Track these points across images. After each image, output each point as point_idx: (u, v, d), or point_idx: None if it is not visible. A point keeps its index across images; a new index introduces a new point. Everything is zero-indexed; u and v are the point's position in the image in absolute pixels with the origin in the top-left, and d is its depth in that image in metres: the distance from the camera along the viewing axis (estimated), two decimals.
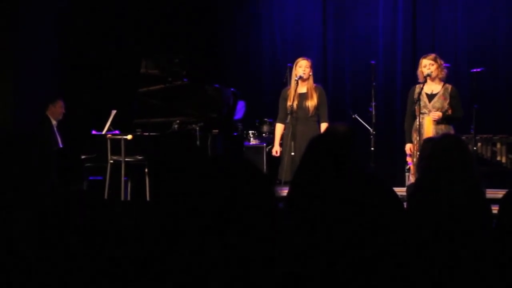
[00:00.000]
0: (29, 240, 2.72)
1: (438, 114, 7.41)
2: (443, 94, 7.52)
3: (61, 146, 9.42)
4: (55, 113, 9.69)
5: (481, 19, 10.45)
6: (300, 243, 2.84)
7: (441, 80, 7.58)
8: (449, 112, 7.50)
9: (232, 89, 8.88)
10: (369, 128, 8.60)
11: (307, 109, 7.80)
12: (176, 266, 2.19)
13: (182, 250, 2.20)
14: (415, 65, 9.95)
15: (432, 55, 7.61)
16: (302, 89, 7.87)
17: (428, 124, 7.45)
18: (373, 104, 8.42)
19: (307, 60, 7.89)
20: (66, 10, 10.83)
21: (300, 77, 7.78)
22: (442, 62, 7.60)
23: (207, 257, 2.11)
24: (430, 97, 7.52)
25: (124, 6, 11.02)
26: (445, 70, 7.60)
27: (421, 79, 7.58)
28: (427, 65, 7.54)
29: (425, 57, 7.64)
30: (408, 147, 7.63)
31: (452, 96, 7.52)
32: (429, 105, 7.49)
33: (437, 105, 7.48)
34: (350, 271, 2.92)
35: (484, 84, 9.14)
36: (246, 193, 2.16)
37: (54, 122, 9.64)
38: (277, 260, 2.14)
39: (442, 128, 7.41)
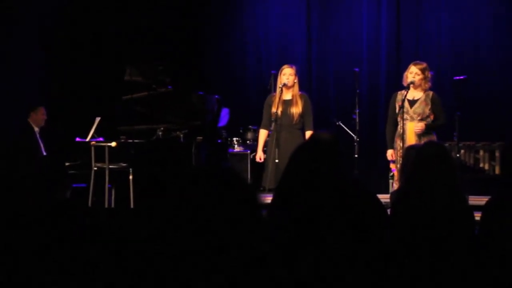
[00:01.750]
0: (16, 247, 2.71)
1: (421, 125, 7.42)
2: (425, 100, 7.55)
3: (44, 153, 9.39)
4: (36, 120, 9.70)
5: (464, 28, 10.53)
6: (284, 250, 2.85)
7: (423, 90, 7.60)
8: (431, 117, 7.53)
9: (216, 96, 8.88)
10: (353, 135, 8.62)
11: (291, 116, 7.81)
12: (160, 272, 2.19)
13: (166, 257, 2.20)
14: (399, 72, 10.03)
15: (422, 65, 7.61)
16: (287, 96, 7.88)
17: (411, 130, 7.48)
18: (357, 111, 8.44)
19: (291, 68, 7.90)
20: (51, 18, 10.80)
21: (285, 85, 7.80)
22: (430, 74, 7.60)
23: (191, 265, 2.12)
24: (412, 103, 7.55)
25: (107, 14, 11.00)
26: (430, 83, 7.60)
27: (404, 83, 7.60)
28: (413, 72, 7.55)
29: (415, 64, 7.64)
30: (389, 153, 7.66)
31: (433, 102, 7.55)
32: (411, 111, 7.52)
33: (418, 110, 7.51)
34: (334, 277, 2.93)
35: (467, 92, 9.20)
36: (230, 201, 2.17)
37: (36, 129, 9.64)
38: (261, 267, 2.15)
39: (424, 134, 7.44)
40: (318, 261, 2.94)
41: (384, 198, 7.10)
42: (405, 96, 7.51)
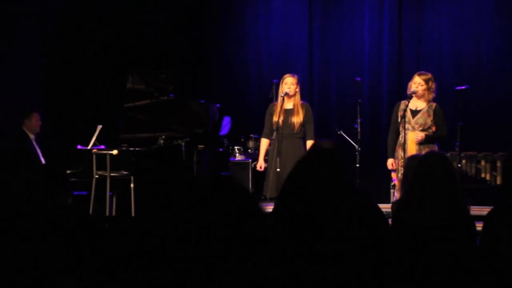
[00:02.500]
0: (17, 254, 2.71)
1: (421, 135, 7.41)
2: (427, 111, 7.53)
3: (42, 159, 9.34)
4: (31, 127, 9.46)
5: (465, 37, 10.53)
6: (286, 259, 2.84)
7: (427, 101, 7.57)
8: (433, 129, 7.51)
9: (217, 105, 8.89)
10: (355, 144, 8.62)
11: (292, 125, 7.80)
12: (161, 281, 2.19)
13: (167, 265, 2.20)
14: (401, 82, 10.05)
15: (426, 76, 7.57)
16: (289, 105, 7.88)
17: (412, 140, 7.46)
18: (359, 120, 8.44)
19: (293, 77, 7.90)
20: (52, 24, 10.81)
21: (286, 94, 7.79)
22: (434, 86, 7.58)
23: (192, 273, 2.11)
24: (414, 113, 7.54)
25: (110, 21, 11.02)
26: (433, 94, 7.57)
27: (408, 92, 7.59)
28: (417, 83, 7.53)
29: (419, 74, 7.62)
30: (390, 162, 7.64)
31: (435, 114, 7.52)
32: (412, 121, 7.50)
33: (420, 121, 7.49)
34: (336, 286, 2.93)
35: (468, 102, 9.20)
36: (231, 209, 2.17)
37: (32, 136, 9.48)
38: (264, 275, 2.15)
39: (425, 144, 7.43)
40: (319, 270, 2.93)
41: (385, 207, 7.10)
42: (407, 105, 7.50)
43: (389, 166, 7.65)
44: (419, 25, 10.77)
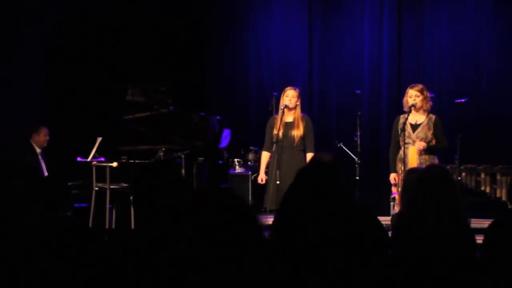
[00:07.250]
0: (18, 266, 2.71)
1: (423, 145, 7.42)
2: (427, 124, 7.54)
3: (45, 173, 9.32)
4: (39, 142, 9.47)
5: (465, 50, 10.56)
6: (285, 271, 2.84)
7: (425, 111, 7.59)
8: (433, 142, 7.52)
9: (217, 117, 8.89)
10: (354, 157, 8.62)
11: (292, 138, 7.80)
12: None
13: (166, 278, 2.19)
14: (400, 94, 10.01)
15: (419, 86, 7.61)
16: (289, 118, 7.88)
17: (412, 154, 7.47)
18: (358, 133, 8.44)
19: (294, 90, 7.91)
20: (53, 38, 10.83)
21: (286, 106, 7.80)
22: (428, 94, 7.60)
23: (191, 286, 2.11)
24: (414, 127, 7.55)
25: (111, 34, 11.04)
26: (430, 103, 7.59)
27: (406, 108, 7.59)
28: (413, 95, 7.54)
29: (412, 87, 7.64)
30: (392, 176, 7.64)
31: (435, 126, 7.53)
32: (413, 135, 7.50)
33: (421, 135, 7.50)
34: None
35: (468, 114, 9.21)
36: (230, 222, 2.17)
37: (38, 150, 9.49)
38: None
39: (426, 158, 7.43)
40: (319, 283, 2.93)
41: (385, 220, 7.09)
42: (406, 119, 7.51)
43: (392, 181, 7.64)
44: (418, 37, 10.80)
